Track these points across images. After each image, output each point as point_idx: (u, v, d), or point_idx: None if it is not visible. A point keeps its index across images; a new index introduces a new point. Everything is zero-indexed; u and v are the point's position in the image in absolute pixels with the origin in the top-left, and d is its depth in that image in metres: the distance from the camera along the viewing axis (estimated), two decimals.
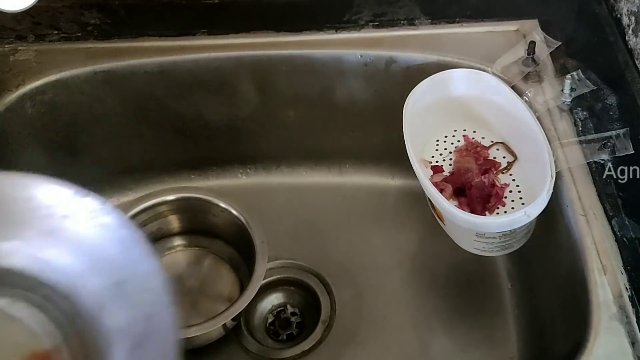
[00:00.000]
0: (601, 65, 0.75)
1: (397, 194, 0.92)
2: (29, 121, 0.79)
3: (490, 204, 0.70)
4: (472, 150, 0.75)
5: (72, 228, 0.47)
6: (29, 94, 0.78)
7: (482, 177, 0.72)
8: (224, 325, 0.73)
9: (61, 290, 0.46)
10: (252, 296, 0.73)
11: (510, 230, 0.66)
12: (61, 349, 0.46)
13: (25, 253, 0.46)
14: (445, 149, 0.77)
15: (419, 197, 0.77)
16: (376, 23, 0.83)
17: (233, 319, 0.73)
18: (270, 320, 0.82)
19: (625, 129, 0.68)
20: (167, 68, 0.81)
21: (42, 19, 0.80)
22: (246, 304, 0.72)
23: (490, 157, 0.74)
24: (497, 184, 0.72)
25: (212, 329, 0.72)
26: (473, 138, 0.77)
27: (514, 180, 0.73)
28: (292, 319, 0.83)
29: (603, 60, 0.75)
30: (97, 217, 0.47)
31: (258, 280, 0.74)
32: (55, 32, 0.81)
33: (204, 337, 0.73)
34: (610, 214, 0.66)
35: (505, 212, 0.70)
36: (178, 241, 0.85)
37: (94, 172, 0.88)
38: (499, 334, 0.79)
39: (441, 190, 0.71)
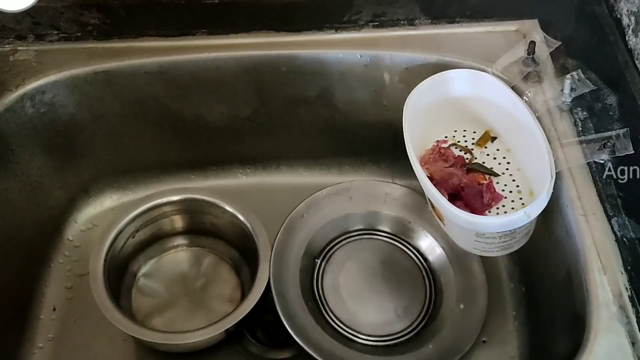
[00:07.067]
0: (601, 65, 0.75)
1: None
2: (29, 121, 0.79)
3: (486, 200, 0.70)
4: (437, 153, 0.75)
5: None
6: (29, 94, 0.78)
7: (468, 175, 0.72)
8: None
9: None
10: (256, 300, 0.73)
11: (510, 231, 0.66)
12: None
13: None
14: None
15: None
16: (376, 23, 0.83)
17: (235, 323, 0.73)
18: (270, 321, 0.82)
19: (625, 129, 0.68)
20: (167, 68, 0.81)
21: (42, 19, 0.80)
22: (250, 308, 0.72)
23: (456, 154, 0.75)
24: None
25: (215, 334, 0.72)
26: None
27: (514, 180, 0.73)
28: None
29: (603, 60, 0.75)
30: None
31: (261, 284, 0.74)
32: (55, 32, 0.81)
33: (206, 340, 0.73)
34: (610, 214, 0.66)
35: (505, 211, 0.70)
36: (180, 240, 0.85)
37: (93, 172, 0.88)
38: (499, 334, 0.79)
39: None
